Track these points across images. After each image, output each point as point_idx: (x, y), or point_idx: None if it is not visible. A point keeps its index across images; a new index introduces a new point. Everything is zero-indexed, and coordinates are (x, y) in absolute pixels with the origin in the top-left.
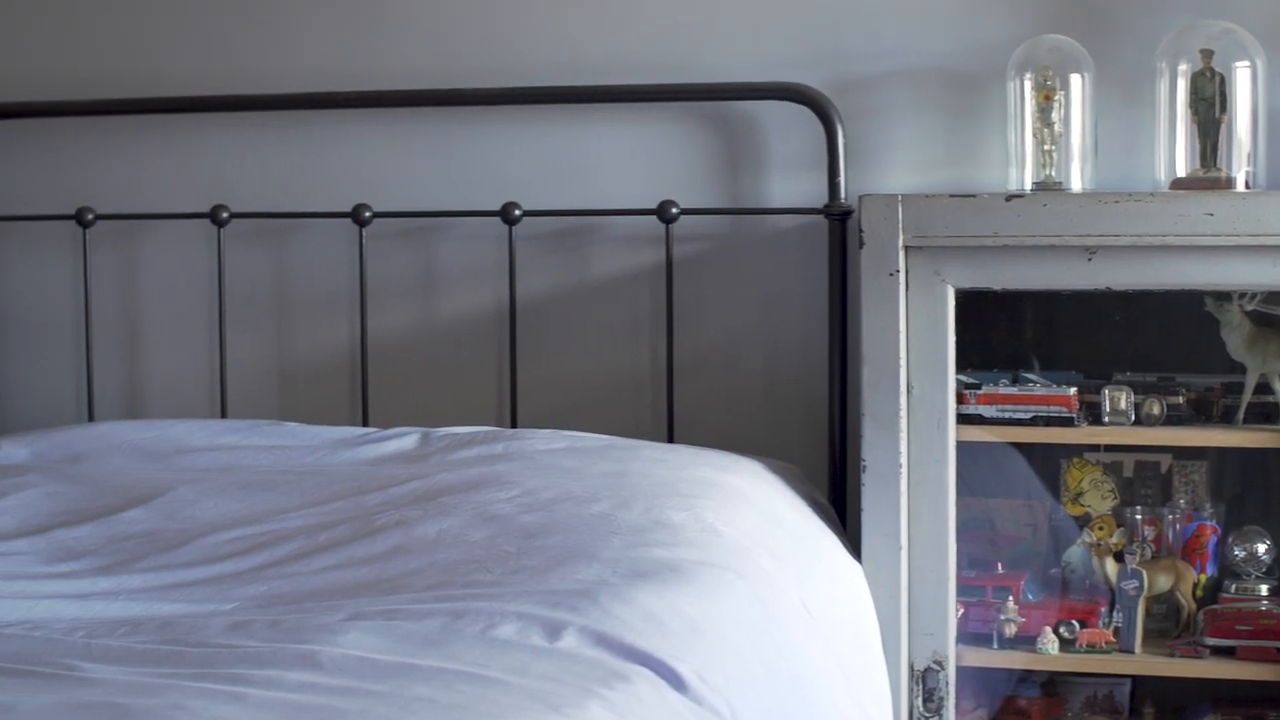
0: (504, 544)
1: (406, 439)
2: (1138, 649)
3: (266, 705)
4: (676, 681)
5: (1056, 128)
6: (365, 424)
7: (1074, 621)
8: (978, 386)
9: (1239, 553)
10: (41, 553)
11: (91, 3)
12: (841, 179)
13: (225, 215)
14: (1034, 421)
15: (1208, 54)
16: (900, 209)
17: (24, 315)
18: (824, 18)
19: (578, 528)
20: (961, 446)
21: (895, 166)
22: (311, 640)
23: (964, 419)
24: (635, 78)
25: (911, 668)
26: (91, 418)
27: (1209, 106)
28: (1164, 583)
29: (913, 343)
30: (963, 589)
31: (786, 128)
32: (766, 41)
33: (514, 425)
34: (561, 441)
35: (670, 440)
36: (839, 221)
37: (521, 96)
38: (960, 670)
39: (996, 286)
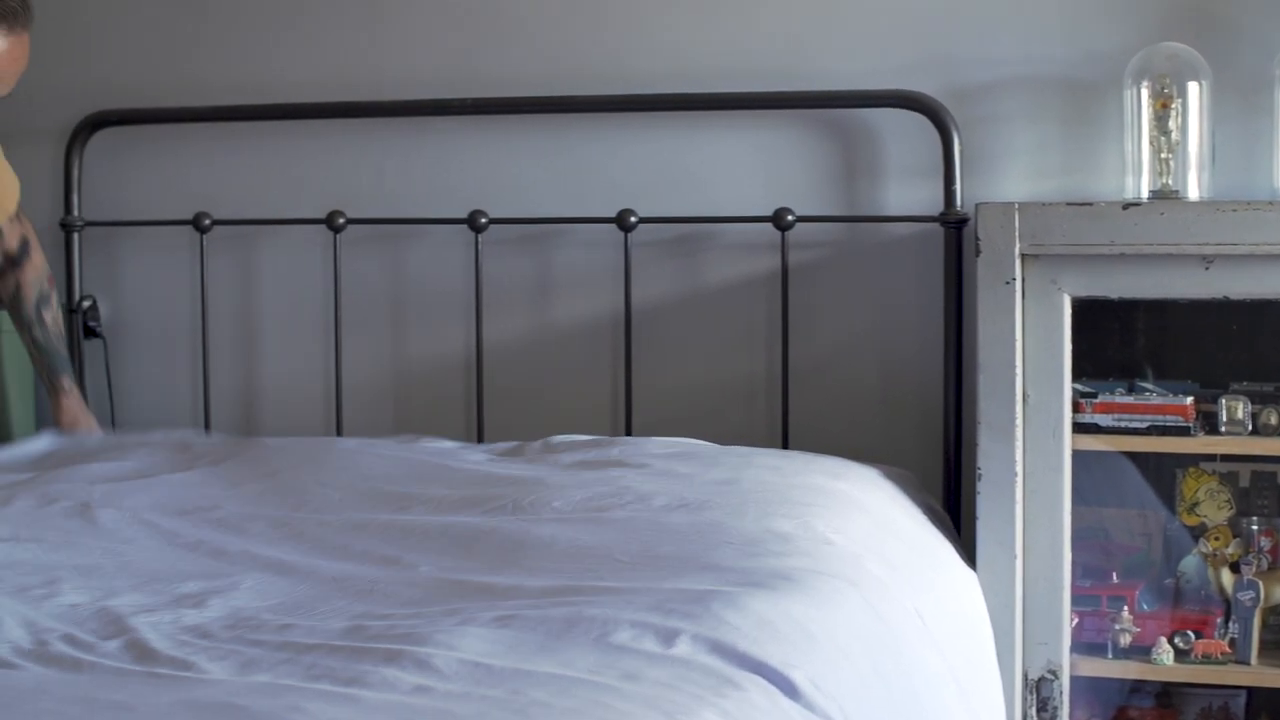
0: (617, 550)
1: (522, 444)
2: (1254, 660)
3: (382, 709)
4: (790, 689)
5: (1174, 136)
6: (480, 430)
7: (1189, 632)
8: (1094, 395)
9: None
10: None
11: (208, 11)
12: (957, 187)
13: (341, 221)
14: (1150, 431)
15: None
16: (1017, 217)
17: (142, 319)
18: (939, 25)
19: (691, 535)
20: (1076, 455)
21: (1011, 174)
22: (426, 643)
23: (1079, 428)
24: (751, 85)
25: (1025, 677)
26: (208, 422)
27: None
28: None
29: (1029, 351)
30: (1077, 598)
31: (902, 135)
32: (882, 49)
33: (628, 432)
34: (675, 448)
35: (785, 447)
36: (955, 229)
37: (637, 104)
38: (1074, 680)
39: (1113, 295)
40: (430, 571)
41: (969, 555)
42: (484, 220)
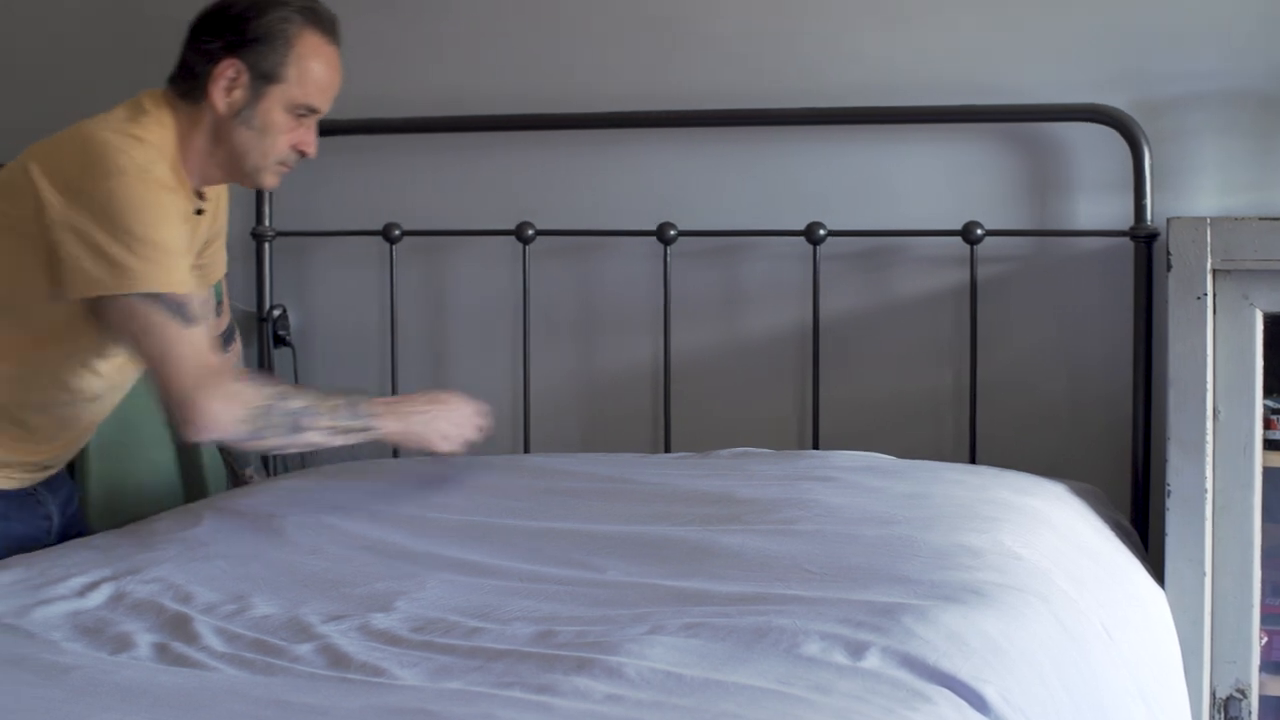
0: (805, 561)
1: (709, 456)
2: None
3: (574, 717)
4: (980, 703)
5: None
6: (666, 442)
7: None
8: None
9: None
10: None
11: (401, 26)
12: (1148, 201)
13: (531, 232)
14: None
15: None
16: (1209, 232)
17: (330, 328)
18: (1130, 39)
19: (879, 547)
20: (1267, 472)
21: (1202, 189)
22: (617, 651)
23: (1270, 444)
24: (941, 98)
25: (1213, 695)
26: None
27: None
28: None
29: (1220, 367)
30: (1267, 616)
31: (1092, 149)
32: (1072, 63)
33: (815, 443)
34: (862, 461)
35: (972, 461)
36: (1145, 244)
37: (827, 117)
38: (1263, 699)
39: None
40: (618, 576)
41: (1157, 572)
42: (673, 232)
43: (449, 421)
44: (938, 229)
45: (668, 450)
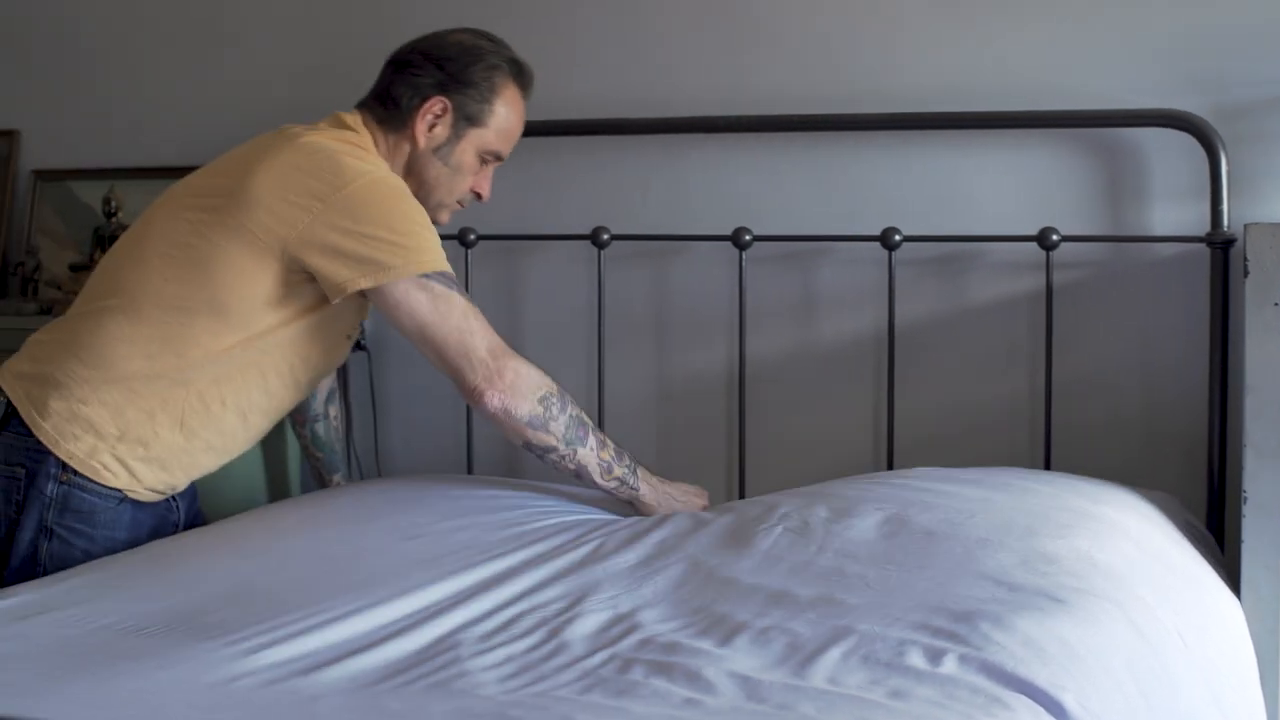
0: (882, 566)
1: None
2: None
3: None
4: (1058, 710)
5: None
6: (741, 448)
7: None
8: None
9: None
10: None
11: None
12: (1224, 207)
13: (606, 237)
14: None
15: None
16: None
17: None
18: (1206, 43)
19: (956, 553)
20: None
21: (1279, 195)
22: (695, 656)
23: None
24: (1016, 104)
25: None
26: (469, 432)
27: None
28: None
29: None
30: None
31: (1168, 155)
32: (1147, 68)
33: (890, 449)
34: (940, 467)
35: (1046, 467)
36: (1221, 250)
37: (902, 122)
38: None
39: None
40: (694, 583)
41: (1232, 580)
42: (748, 237)
43: (686, 504)
44: (1013, 235)
45: (742, 457)
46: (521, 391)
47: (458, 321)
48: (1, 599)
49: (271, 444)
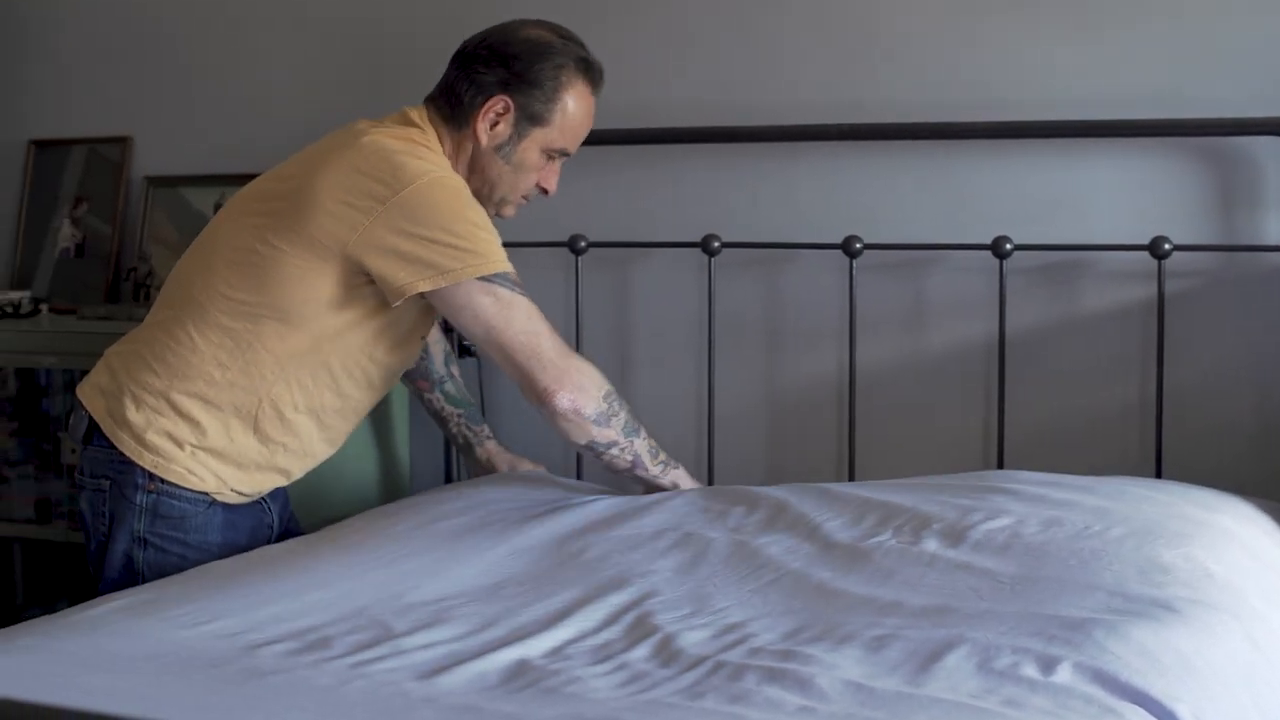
0: (995, 573)
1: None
2: None
3: None
4: None
5: None
6: (851, 455)
7: None
8: None
9: None
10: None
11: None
12: None
13: (716, 245)
14: None
15: None
16: None
17: None
18: None
19: (1069, 562)
20: None
21: None
22: (809, 662)
23: None
24: (1127, 112)
25: None
26: None
27: None
28: None
29: None
30: None
31: None
32: (1259, 76)
33: (1000, 456)
34: (1052, 476)
35: (1157, 476)
36: None
37: (1012, 131)
38: None
39: None
40: (808, 585)
41: None
42: (859, 245)
43: None
44: (1124, 244)
45: (852, 464)
46: (589, 391)
47: (523, 324)
48: (112, 601)
49: (384, 441)
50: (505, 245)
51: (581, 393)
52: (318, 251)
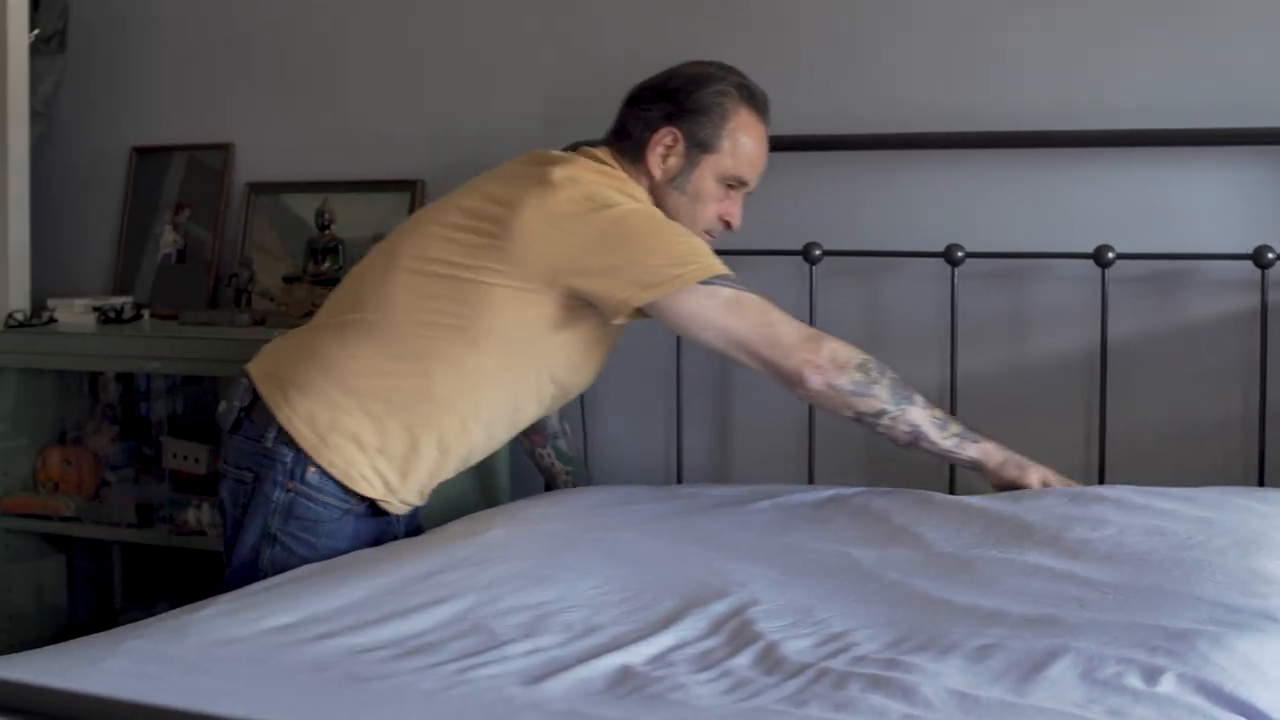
0: (1098, 584)
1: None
2: None
3: None
4: None
5: None
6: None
7: None
8: None
9: None
10: None
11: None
12: None
13: (818, 253)
14: None
15: None
16: None
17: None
18: None
19: (1172, 572)
20: None
21: None
22: (911, 671)
23: None
24: (1229, 121)
25: None
26: (679, 442)
27: None
28: None
29: None
30: None
31: None
32: None
33: (1101, 466)
34: (1153, 486)
35: (1260, 485)
36: None
37: (1114, 139)
38: None
39: None
40: (909, 593)
41: None
42: (961, 254)
43: (1040, 477)
44: (1227, 253)
45: (952, 471)
46: (840, 363)
47: (756, 316)
48: (214, 604)
49: None
50: (746, 253)
51: (832, 368)
52: (528, 278)
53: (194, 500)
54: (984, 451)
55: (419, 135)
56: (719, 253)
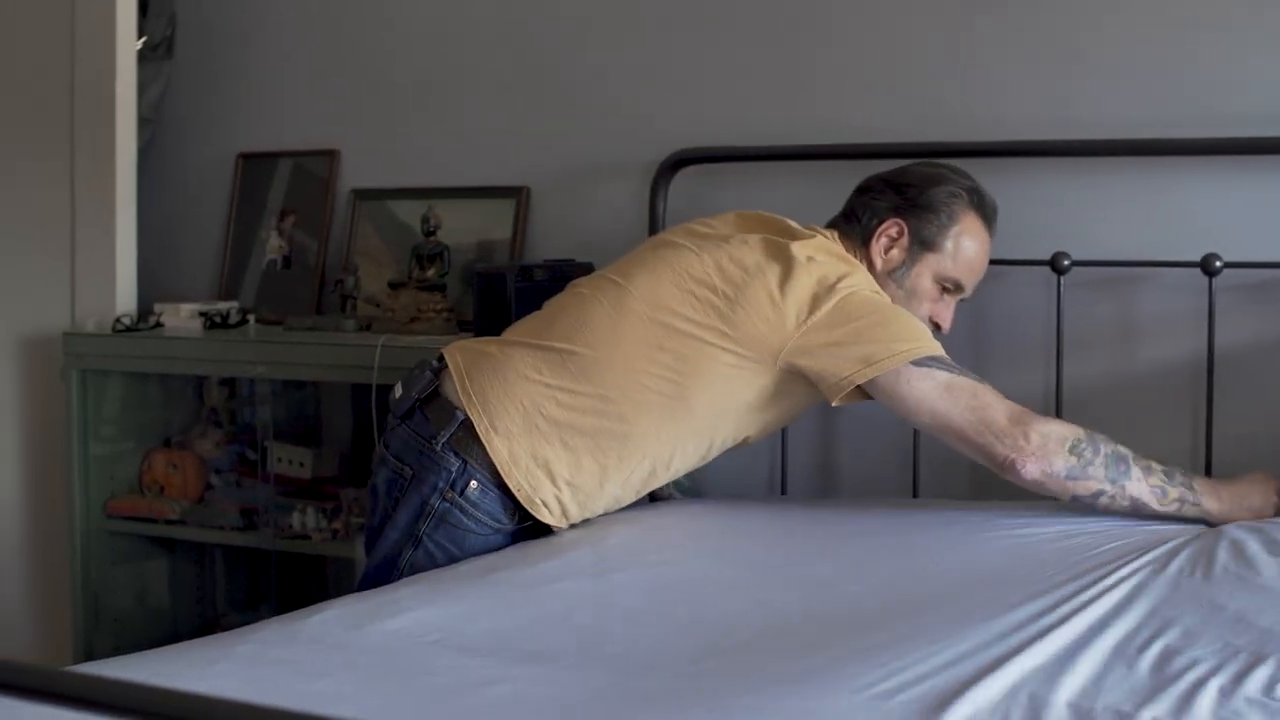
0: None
1: None
2: None
3: None
4: None
5: None
6: None
7: None
8: None
9: None
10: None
11: (778, 57)
12: None
13: None
14: None
15: None
16: None
17: None
18: None
19: None
20: None
21: None
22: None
23: None
24: None
25: None
26: (784, 456)
27: None
28: None
29: None
30: None
31: None
32: None
33: (1208, 476)
34: None
35: None
36: None
37: (1221, 147)
38: None
39: None
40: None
41: None
42: (1067, 262)
43: (1264, 497)
44: None
45: None
46: (1051, 449)
47: (968, 400)
48: (328, 608)
49: None
50: None
51: (1044, 454)
52: (754, 349)
53: (298, 504)
54: (1206, 513)
55: (524, 141)
56: None
